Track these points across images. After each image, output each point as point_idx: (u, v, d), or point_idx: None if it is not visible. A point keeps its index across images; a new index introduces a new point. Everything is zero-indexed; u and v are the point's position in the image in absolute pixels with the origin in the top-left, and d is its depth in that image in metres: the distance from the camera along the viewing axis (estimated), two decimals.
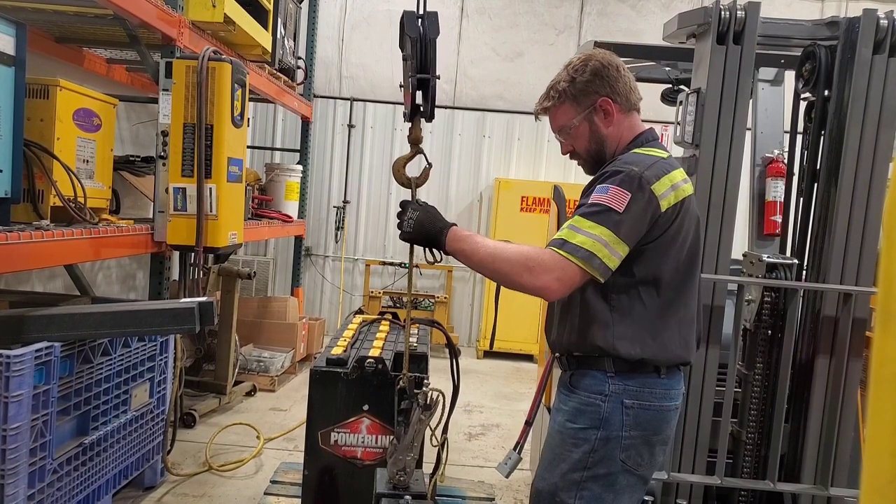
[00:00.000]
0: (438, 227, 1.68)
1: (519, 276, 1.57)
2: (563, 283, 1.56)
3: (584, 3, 7.01)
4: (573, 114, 1.75)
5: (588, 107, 1.73)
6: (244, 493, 3.31)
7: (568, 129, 1.77)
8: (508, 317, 6.48)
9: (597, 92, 1.71)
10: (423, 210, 1.71)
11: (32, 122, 2.62)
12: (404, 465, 1.84)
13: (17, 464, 2.17)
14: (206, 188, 3.16)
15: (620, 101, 1.73)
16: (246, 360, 4.99)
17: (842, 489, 2.56)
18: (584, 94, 1.72)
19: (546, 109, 1.81)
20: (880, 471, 0.44)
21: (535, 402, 2.72)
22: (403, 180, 1.85)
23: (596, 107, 1.72)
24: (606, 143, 1.75)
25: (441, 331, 2.73)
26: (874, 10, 2.49)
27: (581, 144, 1.78)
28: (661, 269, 1.63)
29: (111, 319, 2.47)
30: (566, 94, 1.74)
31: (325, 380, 2.39)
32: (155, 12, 3.10)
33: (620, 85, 1.73)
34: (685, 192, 1.66)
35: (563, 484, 1.68)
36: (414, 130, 1.84)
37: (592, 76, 1.71)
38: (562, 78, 1.76)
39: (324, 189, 7.14)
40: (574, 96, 1.73)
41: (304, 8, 6.02)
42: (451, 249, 1.67)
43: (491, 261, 1.61)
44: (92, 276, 4.63)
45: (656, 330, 1.64)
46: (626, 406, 1.65)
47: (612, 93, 1.72)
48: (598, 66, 1.72)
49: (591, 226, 1.55)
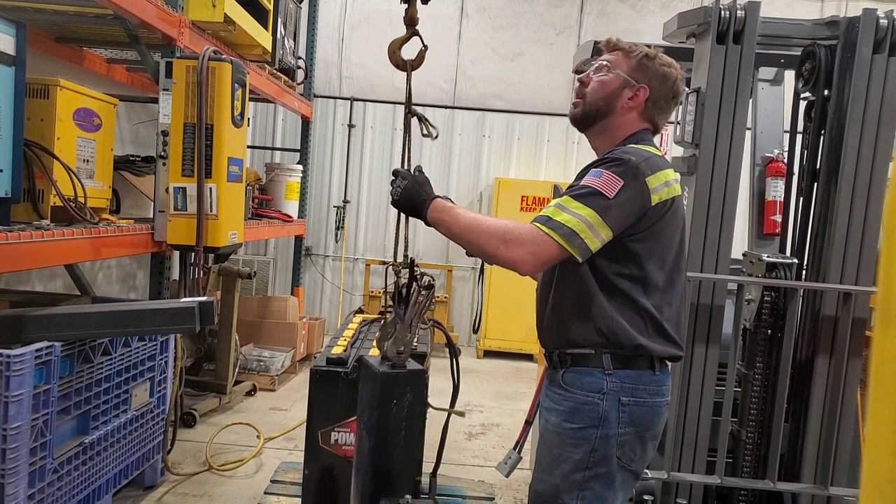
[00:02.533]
0: (422, 197, 1.70)
1: (495, 248, 1.58)
2: (538, 258, 1.57)
3: (584, 3, 7.01)
4: (624, 68, 1.73)
5: (632, 76, 1.72)
6: (244, 492, 3.31)
7: (604, 71, 1.75)
8: (508, 316, 6.49)
9: (648, 80, 1.72)
10: (412, 179, 1.72)
11: (32, 122, 2.62)
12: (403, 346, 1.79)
13: (17, 463, 2.17)
14: (206, 188, 3.16)
15: (650, 108, 1.74)
16: (246, 359, 4.99)
17: (842, 489, 2.56)
18: (642, 70, 1.73)
19: (617, 48, 1.78)
20: (880, 470, 0.44)
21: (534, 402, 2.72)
22: (399, 62, 1.84)
23: (635, 85, 1.72)
24: (609, 116, 1.75)
25: (441, 330, 2.72)
26: (874, 10, 2.49)
27: (595, 90, 1.75)
28: (652, 262, 1.64)
29: (111, 319, 2.47)
30: (638, 57, 1.74)
31: (325, 379, 2.39)
32: (155, 12, 3.10)
33: (663, 102, 1.75)
34: (675, 191, 1.67)
35: (564, 485, 1.67)
36: (410, 10, 1.82)
37: (661, 73, 1.73)
38: (648, 51, 1.76)
39: (324, 189, 7.14)
40: (640, 63, 1.73)
41: (304, 8, 6.02)
42: (432, 219, 1.68)
43: (469, 231, 1.62)
44: (92, 275, 4.62)
45: (650, 322, 1.65)
46: (622, 403, 1.65)
47: (654, 95, 1.73)
48: (672, 75, 1.75)
49: (579, 206, 1.56)
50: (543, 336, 1.83)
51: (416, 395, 1.76)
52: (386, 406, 1.74)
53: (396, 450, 1.75)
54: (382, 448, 1.76)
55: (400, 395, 1.74)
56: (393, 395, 1.73)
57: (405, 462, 1.78)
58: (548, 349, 1.80)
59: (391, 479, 1.77)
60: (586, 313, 1.66)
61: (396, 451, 1.75)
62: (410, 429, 1.76)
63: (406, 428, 1.75)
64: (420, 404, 1.78)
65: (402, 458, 1.77)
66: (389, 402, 1.74)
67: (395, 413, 1.73)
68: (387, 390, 1.74)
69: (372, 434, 1.75)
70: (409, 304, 1.81)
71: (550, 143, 7.06)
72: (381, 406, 1.74)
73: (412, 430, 1.76)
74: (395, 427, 1.74)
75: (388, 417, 1.73)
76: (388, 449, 1.75)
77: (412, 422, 1.76)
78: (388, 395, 1.74)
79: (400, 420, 1.74)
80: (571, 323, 1.70)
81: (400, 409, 1.74)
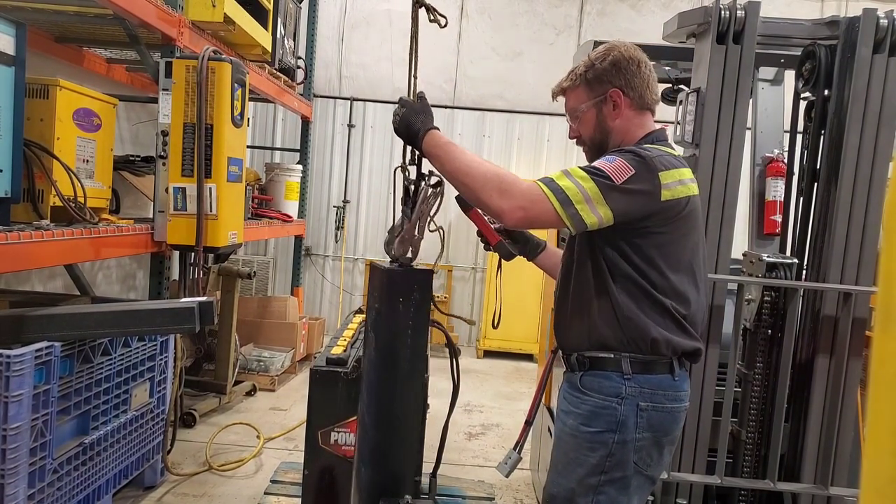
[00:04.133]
0: (416, 126, 1.69)
1: (488, 194, 1.57)
2: (528, 215, 1.56)
3: (583, 3, 7.01)
4: (584, 98, 1.75)
5: (599, 95, 1.73)
6: (244, 492, 3.31)
7: (577, 114, 1.78)
8: (508, 316, 6.49)
9: (610, 82, 1.72)
10: (410, 107, 1.71)
11: (32, 122, 2.62)
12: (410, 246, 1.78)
13: (17, 463, 2.17)
14: (206, 188, 3.16)
15: (633, 97, 1.72)
16: (246, 359, 4.99)
17: (842, 489, 2.56)
18: (598, 82, 1.73)
19: (563, 90, 1.82)
20: (880, 471, 0.44)
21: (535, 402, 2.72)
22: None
23: (606, 97, 1.72)
24: (611, 135, 1.75)
25: (441, 330, 2.72)
26: (874, 10, 2.49)
27: (586, 131, 1.78)
28: (669, 260, 1.63)
29: (111, 319, 2.47)
30: (582, 78, 1.75)
31: (325, 379, 2.39)
32: (155, 12, 3.10)
33: (637, 81, 1.72)
34: (691, 190, 1.66)
35: (579, 489, 1.67)
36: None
37: (611, 66, 1.72)
38: (583, 62, 1.77)
39: (324, 189, 7.14)
40: (588, 82, 1.74)
41: (304, 8, 6.02)
42: (427, 152, 1.69)
43: (464, 172, 1.62)
44: (92, 275, 4.62)
45: (670, 319, 1.64)
46: (640, 408, 1.64)
47: (625, 86, 1.71)
48: (619, 57, 1.72)
49: (583, 177, 1.56)
50: (562, 338, 1.81)
51: (423, 295, 1.74)
52: (393, 303, 1.73)
53: (403, 350, 1.74)
54: (388, 348, 1.74)
55: (406, 292, 1.72)
56: (399, 292, 1.72)
57: (412, 363, 1.76)
58: (566, 351, 1.79)
59: (397, 377, 1.76)
60: (605, 314, 1.66)
61: (403, 351, 1.74)
62: (417, 328, 1.74)
63: (412, 327, 1.74)
64: (426, 303, 1.75)
65: (410, 358, 1.75)
66: (396, 299, 1.72)
67: (402, 311, 1.72)
68: (394, 287, 1.73)
69: (379, 333, 1.74)
70: (416, 203, 1.79)
71: (550, 143, 7.07)
72: (388, 303, 1.73)
73: (418, 329, 1.75)
74: (402, 325, 1.73)
75: (395, 315, 1.72)
76: (396, 348, 1.74)
77: (418, 320, 1.74)
78: (395, 292, 1.73)
79: (407, 318, 1.73)
80: (590, 325, 1.69)
81: (406, 307, 1.73)
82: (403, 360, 1.75)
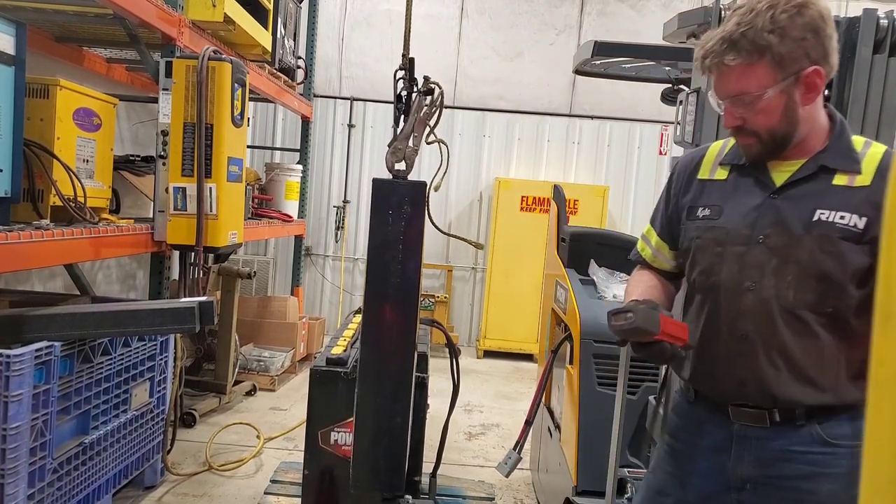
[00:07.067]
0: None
1: None
2: None
3: (584, 3, 7.01)
4: (770, 80, 1.27)
5: (792, 74, 1.26)
6: (244, 492, 3.31)
7: (751, 99, 1.29)
8: (508, 316, 6.49)
9: (808, 56, 1.25)
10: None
11: (32, 122, 2.62)
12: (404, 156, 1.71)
13: (17, 463, 2.17)
14: (206, 188, 3.16)
15: (828, 73, 1.29)
16: (246, 359, 4.99)
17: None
18: (791, 57, 1.25)
19: (728, 65, 1.29)
20: (880, 470, 0.44)
21: (534, 402, 2.72)
22: None
23: (801, 76, 1.27)
24: (798, 126, 1.32)
25: (441, 330, 2.73)
26: (874, 10, 2.49)
27: (765, 121, 1.31)
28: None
29: (111, 319, 2.47)
30: (770, 50, 1.25)
31: (325, 379, 2.39)
32: (155, 12, 3.10)
33: (832, 49, 1.28)
34: None
35: None
36: None
37: (809, 33, 1.24)
38: (762, 25, 1.24)
39: (324, 189, 7.14)
40: (780, 57, 1.25)
41: (304, 8, 6.02)
42: None
43: None
44: (92, 275, 4.62)
45: None
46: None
47: (822, 60, 1.27)
48: (818, 18, 1.25)
49: None
50: (775, 388, 1.36)
51: (415, 209, 1.66)
52: (382, 216, 1.65)
53: (394, 264, 1.68)
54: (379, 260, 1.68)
55: (397, 205, 1.65)
56: (389, 203, 1.65)
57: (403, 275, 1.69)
58: (780, 405, 1.37)
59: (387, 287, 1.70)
60: (836, 358, 1.35)
61: (394, 265, 1.68)
62: (408, 245, 1.66)
63: (403, 241, 1.66)
64: (418, 219, 1.67)
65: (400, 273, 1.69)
66: (385, 210, 1.65)
67: (392, 224, 1.65)
68: (383, 199, 1.65)
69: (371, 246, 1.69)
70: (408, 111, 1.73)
71: (550, 143, 7.06)
72: (377, 216, 1.66)
73: (410, 248, 1.67)
74: (392, 238, 1.66)
75: (385, 229, 1.65)
76: (385, 263, 1.68)
77: (410, 236, 1.66)
78: (385, 204, 1.65)
79: (397, 233, 1.65)
80: (822, 371, 1.34)
81: (396, 221, 1.65)
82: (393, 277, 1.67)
